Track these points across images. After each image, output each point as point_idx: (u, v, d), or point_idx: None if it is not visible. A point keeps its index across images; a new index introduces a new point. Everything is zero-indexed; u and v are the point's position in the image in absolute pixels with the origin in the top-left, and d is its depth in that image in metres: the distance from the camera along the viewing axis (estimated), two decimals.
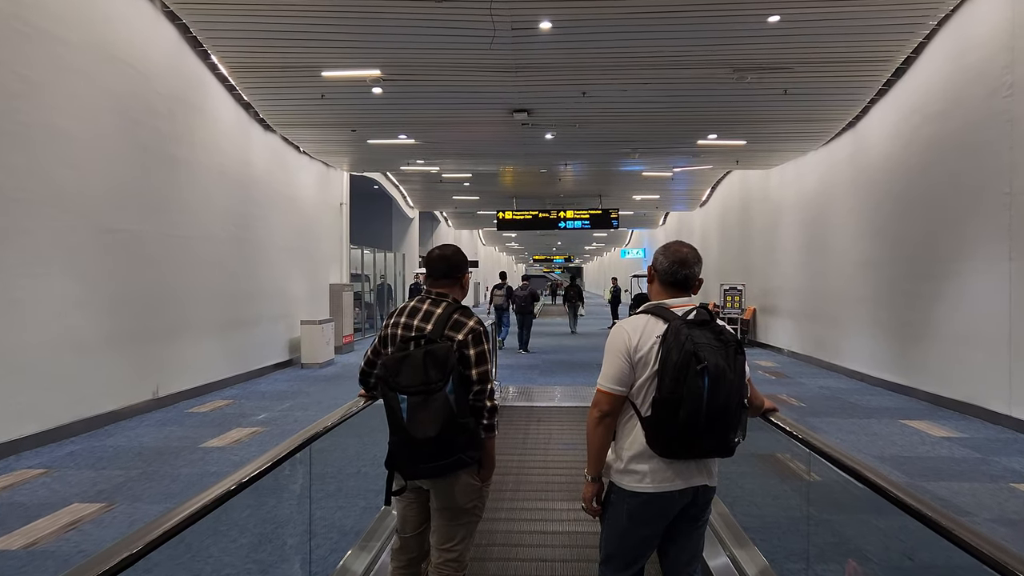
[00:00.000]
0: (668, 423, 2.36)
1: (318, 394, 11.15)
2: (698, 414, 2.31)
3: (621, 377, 2.46)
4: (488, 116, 12.46)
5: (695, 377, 2.30)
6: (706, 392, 2.30)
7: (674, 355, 2.34)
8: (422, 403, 2.58)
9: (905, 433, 8.27)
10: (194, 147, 10.59)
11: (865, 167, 12.39)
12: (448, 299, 2.87)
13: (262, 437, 8.00)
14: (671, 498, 2.47)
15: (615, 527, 2.56)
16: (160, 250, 9.66)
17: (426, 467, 2.66)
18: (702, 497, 2.53)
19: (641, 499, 2.47)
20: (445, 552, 2.84)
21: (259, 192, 13.13)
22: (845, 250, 13.26)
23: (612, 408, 2.49)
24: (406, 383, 2.60)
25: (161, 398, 9.58)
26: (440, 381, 2.58)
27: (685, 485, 2.47)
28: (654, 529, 2.55)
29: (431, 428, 2.56)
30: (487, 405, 2.79)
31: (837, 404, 10.26)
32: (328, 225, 17.47)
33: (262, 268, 13.23)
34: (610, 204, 23.93)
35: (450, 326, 2.75)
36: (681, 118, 12.58)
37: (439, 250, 2.96)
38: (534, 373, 13.23)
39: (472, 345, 2.74)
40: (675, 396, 2.33)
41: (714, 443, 2.42)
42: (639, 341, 2.46)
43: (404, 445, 2.65)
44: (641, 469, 2.47)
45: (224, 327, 11.54)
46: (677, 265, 2.57)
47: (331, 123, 12.87)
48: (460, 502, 2.81)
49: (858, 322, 12.70)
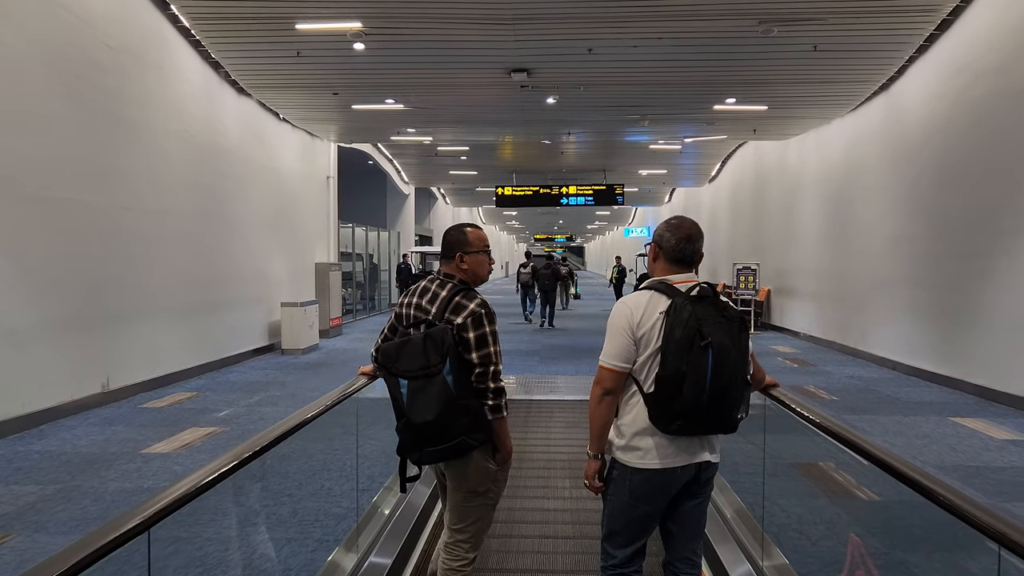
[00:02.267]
0: (672, 400, 2.34)
1: (294, 385, 10.07)
2: (702, 391, 2.30)
3: (623, 354, 2.44)
4: (483, 77, 11.26)
5: (699, 354, 2.29)
6: (710, 369, 2.29)
7: (677, 332, 2.32)
8: (421, 387, 2.56)
9: (961, 435, 7.16)
10: (151, 109, 9.41)
11: (900, 133, 11.20)
12: (453, 280, 2.81)
13: (217, 440, 6.91)
14: (673, 474, 2.45)
15: (617, 504, 2.55)
16: (110, 224, 8.52)
17: (430, 452, 2.62)
18: (704, 473, 2.50)
19: (643, 475, 2.45)
20: (456, 532, 2.83)
21: (233, 162, 11.96)
22: (875, 225, 12.10)
23: (614, 385, 2.48)
24: (405, 368, 2.59)
25: (112, 391, 8.49)
26: (438, 364, 2.55)
27: (688, 461, 2.45)
28: (656, 506, 2.51)
29: (429, 412, 2.53)
30: (491, 387, 2.68)
31: (873, 398, 9.16)
32: (314, 200, 16.30)
33: (237, 246, 12.09)
34: (615, 179, 22.75)
35: (451, 309, 2.69)
36: (697, 79, 11.36)
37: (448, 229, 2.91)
38: (533, 360, 12.14)
39: (472, 328, 2.66)
40: (679, 373, 2.31)
41: (718, 420, 2.39)
42: (642, 317, 2.43)
43: (406, 430, 2.63)
44: (644, 445, 2.45)
45: (190, 310, 10.42)
46: (684, 241, 2.53)
47: (310, 85, 11.66)
48: (473, 485, 2.79)
49: (889, 305, 11.57)
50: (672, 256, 2.54)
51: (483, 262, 2.87)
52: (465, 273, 2.84)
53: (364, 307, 22.01)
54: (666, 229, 2.56)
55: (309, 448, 6.02)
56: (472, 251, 2.84)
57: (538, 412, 7.67)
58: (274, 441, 2.53)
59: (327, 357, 12.86)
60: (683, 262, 2.54)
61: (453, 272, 2.84)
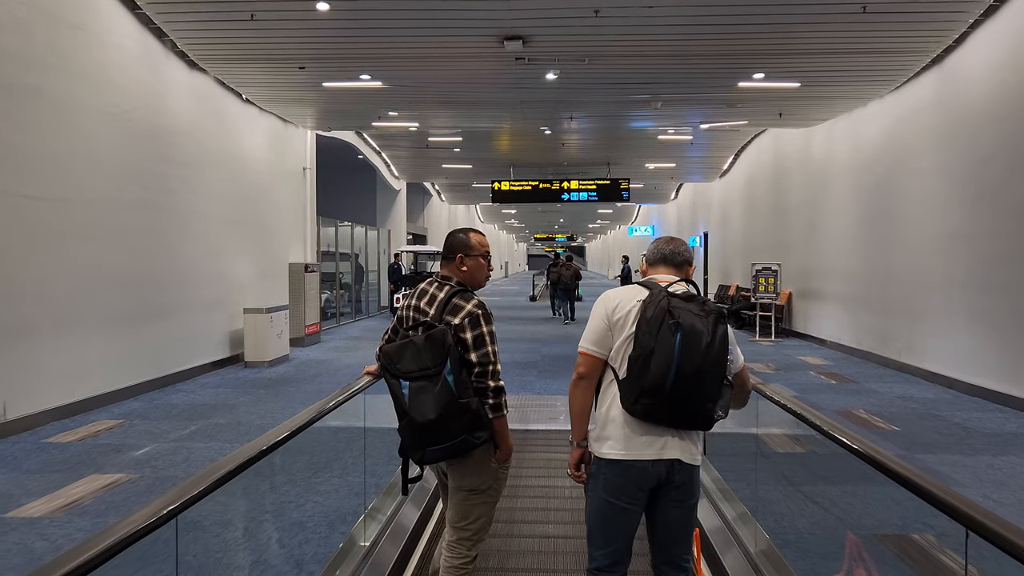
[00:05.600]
0: (639, 377, 2.37)
1: (247, 408, 8.47)
2: (667, 369, 2.31)
3: (598, 338, 2.52)
4: (472, 46, 9.64)
5: (667, 333, 2.33)
6: (677, 348, 2.31)
7: (649, 312, 2.39)
8: (423, 388, 2.59)
9: None
10: (68, 78, 7.80)
11: (959, 113, 9.59)
12: (451, 282, 2.86)
13: (115, 496, 5.30)
14: (643, 469, 2.44)
15: (594, 500, 2.56)
16: (2, 215, 6.92)
17: (433, 451, 2.66)
18: (679, 475, 2.46)
19: (614, 468, 2.47)
20: (459, 530, 2.85)
21: (185, 147, 10.35)
22: (924, 219, 10.49)
23: (588, 370, 2.53)
24: (406, 369, 2.63)
25: (9, 423, 6.89)
26: (439, 365, 2.59)
27: (657, 456, 2.44)
28: (630, 502, 2.49)
29: (431, 411, 2.57)
30: (490, 386, 2.73)
31: (940, 427, 7.56)
32: (288, 194, 14.67)
33: (189, 242, 10.48)
34: (619, 173, 21.18)
35: (448, 310, 2.75)
36: (721, 49, 9.73)
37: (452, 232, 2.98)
38: (530, 375, 10.53)
39: (469, 328, 2.71)
40: (648, 350, 2.35)
41: (687, 409, 2.38)
42: (618, 304, 2.52)
43: (408, 430, 2.67)
44: (613, 434, 2.48)
45: (125, 319, 8.82)
46: (665, 244, 2.69)
47: (271, 57, 10.02)
48: (475, 482, 2.82)
49: (943, 312, 9.96)
50: (654, 258, 2.69)
51: (482, 267, 2.96)
52: (464, 275, 2.90)
53: (351, 311, 20.41)
54: (651, 244, 2.74)
55: None
56: (473, 255, 2.92)
57: (534, 445, 6.14)
58: (212, 487, 2.04)
59: (295, 371, 11.25)
60: (666, 262, 2.66)
61: (451, 274, 2.90)
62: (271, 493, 5.34)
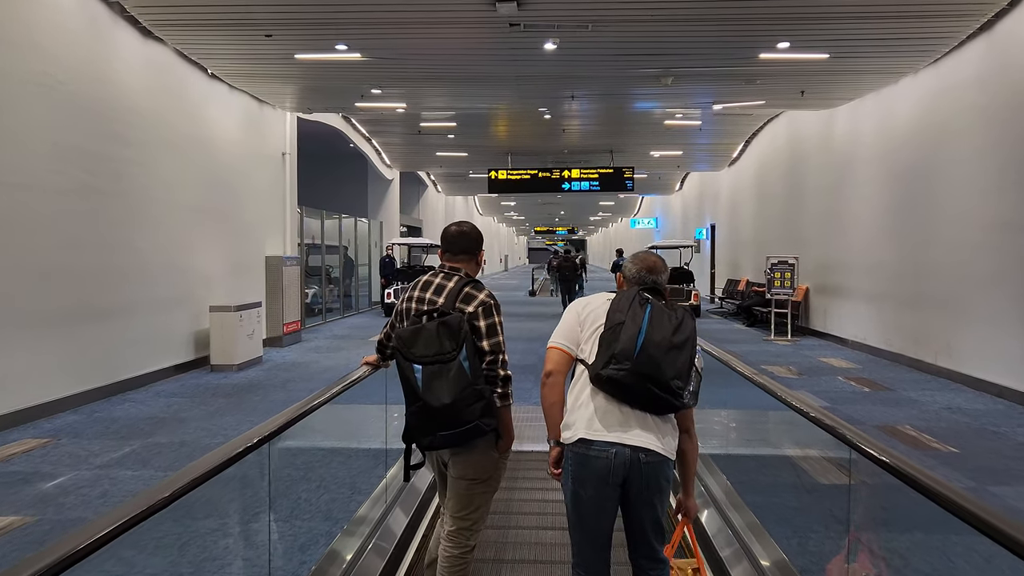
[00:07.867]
0: (611, 345, 2.41)
1: (200, 422, 7.38)
2: (636, 333, 2.38)
3: (567, 333, 2.61)
4: (460, 9, 8.48)
5: (637, 306, 2.46)
6: (646, 318, 2.42)
7: (620, 299, 2.54)
8: (437, 372, 2.60)
9: None
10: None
11: (1013, 88, 8.45)
12: (460, 273, 2.88)
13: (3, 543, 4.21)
14: (607, 457, 2.43)
15: (566, 492, 2.58)
16: None
17: (444, 435, 2.66)
18: (647, 467, 2.44)
19: (579, 456, 2.48)
20: (459, 520, 2.86)
21: (138, 126, 9.22)
22: (969, 209, 9.35)
23: (557, 365, 2.60)
24: (421, 353, 2.63)
25: None
26: (454, 350, 2.60)
27: (620, 439, 2.43)
28: (597, 493, 2.47)
29: (446, 395, 2.57)
30: (500, 374, 2.76)
31: (1005, 448, 6.46)
32: (265, 182, 13.53)
33: (144, 233, 9.35)
34: (623, 162, 20.03)
35: (461, 299, 2.77)
36: (741, 13, 8.56)
37: (456, 226, 2.98)
38: (528, 381, 9.39)
39: (483, 317, 2.75)
40: (618, 322, 2.43)
41: (656, 380, 2.37)
42: (589, 303, 2.66)
43: (421, 415, 2.65)
44: (577, 418, 2.50)
45: (63, 319, 7.72)
46: (645, 271, 2.69)
47: (232, 21, 8.84)
48: (477, 472, 2.83)
49: (992, 312, 8.84)
50: (631, 280, 2.70)
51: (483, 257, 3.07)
52: (475, 268, 2.97)
53: (340, 307, 19.30)
54: (631, 261, 2.75)
55: None
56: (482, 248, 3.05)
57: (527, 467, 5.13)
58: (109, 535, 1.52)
59: (266, 376, 10.14)
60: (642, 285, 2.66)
61: (461, 265, 2.92)
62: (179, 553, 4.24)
